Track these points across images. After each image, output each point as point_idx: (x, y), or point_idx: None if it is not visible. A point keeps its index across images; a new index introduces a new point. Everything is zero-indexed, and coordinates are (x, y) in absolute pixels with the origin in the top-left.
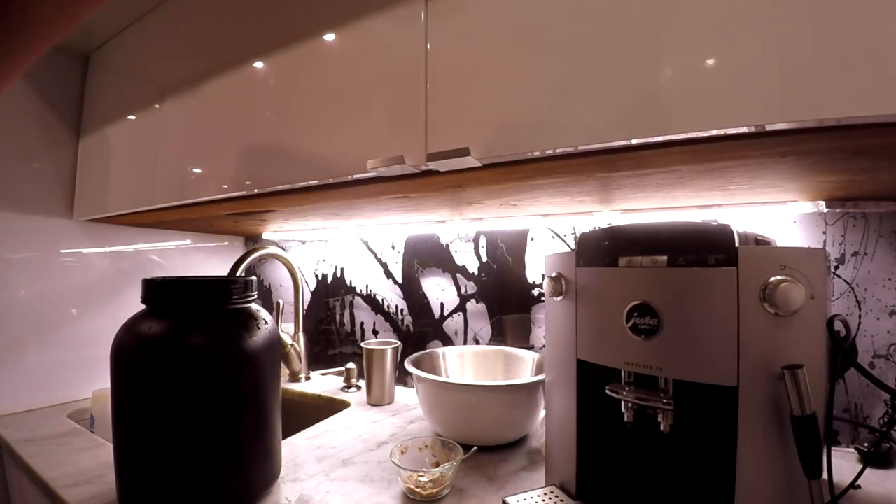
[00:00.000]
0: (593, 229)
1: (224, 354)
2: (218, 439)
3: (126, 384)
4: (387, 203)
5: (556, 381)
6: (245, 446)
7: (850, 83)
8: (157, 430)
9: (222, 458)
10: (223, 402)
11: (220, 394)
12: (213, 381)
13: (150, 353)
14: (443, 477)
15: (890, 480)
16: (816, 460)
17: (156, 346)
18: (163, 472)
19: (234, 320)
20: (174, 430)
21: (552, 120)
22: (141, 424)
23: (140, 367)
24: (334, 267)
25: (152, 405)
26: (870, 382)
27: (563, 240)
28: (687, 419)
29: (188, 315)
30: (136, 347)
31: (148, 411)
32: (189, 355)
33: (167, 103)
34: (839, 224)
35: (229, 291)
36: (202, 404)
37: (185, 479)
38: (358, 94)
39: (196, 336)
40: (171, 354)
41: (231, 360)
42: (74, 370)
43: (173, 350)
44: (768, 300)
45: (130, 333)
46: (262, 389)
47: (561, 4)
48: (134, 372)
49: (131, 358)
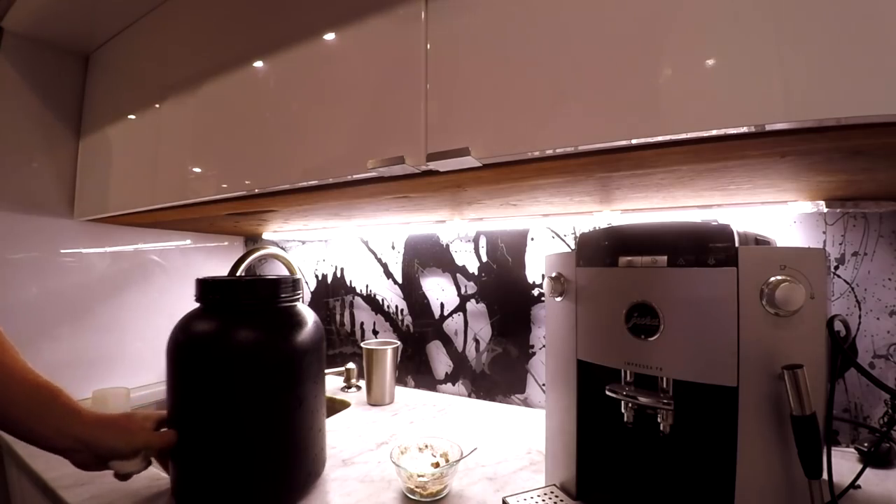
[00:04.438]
0: (593, 229)
1: (272, 351)
2: (267, 431)
3: (180, 378)
4: (387, 203)
5: (556, 381)
6: (292, 439)
7: (850, 83)
8: (209, 422)
9: (271, 449)
10: (272, 396)
11: (269, 388)
12: (261, 376)
13: (203, 350)
14: (443, 477)
15: (890, 480)
16: (816, 460)
17: (208, 342)
18: (215, 460)
19: (282, 318)
20: (225, 422)
21: (552, 120)
22: (194, 416)
23: (193, 362)
24: (334, 267)
25: (205, 398)
26: (870, 382)
27: (563, 240)
28: (687, 419)
29: (239, 313)
30: (191, 344)
31: (201, 404)
32: (239, 352)
33: (167, 103)
34: (839, 224)
35: (278, 291)
36: (252, 397)
37: (236, 467)
38: (358, 93)
39: (246, 333)
40: (222, 351)
41: (279, 357)
42: (74, 370)
43: (224, 346)
44: (768, 300)
45: (185, 331)
46: (307, 384)
47: (561, 4)
48: (188, 367)
49: (185, 354)
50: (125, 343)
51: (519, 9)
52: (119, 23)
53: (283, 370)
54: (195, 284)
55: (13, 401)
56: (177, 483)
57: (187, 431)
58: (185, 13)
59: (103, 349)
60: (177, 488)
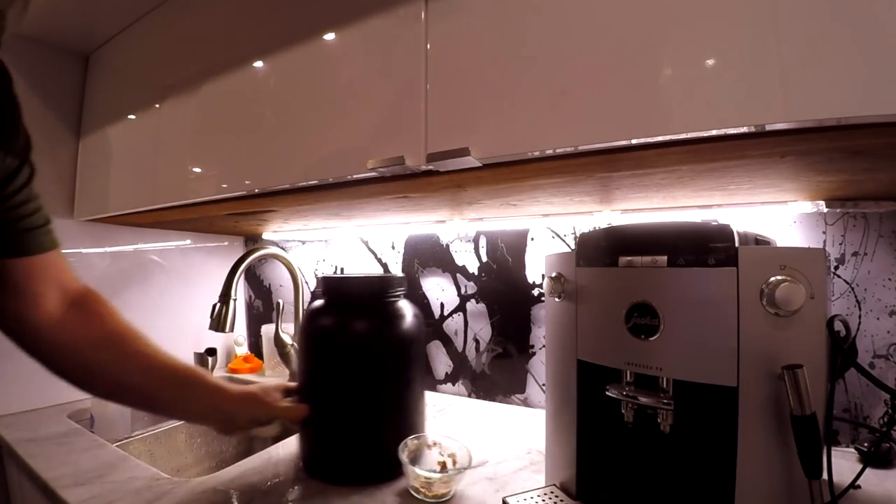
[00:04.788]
0: (593, 229)
1: (385, 339)
2: (382, 408)
3: (310, 361)
4: (387, 203)
5: (556, 381)
6: (402, 415)
7: (850, 83)
8: (334, 398)
9: (385, 423)
10: (386, 378)
11: (383, 371)
12: (377, 361)
13: (329, 339)
14: (450, 481)
15: (890, 480)
16: (816, 460)
17: (333, 332)
18: (339, 430)
19: (390, 311)
20: (348, 399)
21: (552, 120)
22: (322, 393)
23: (321, 348)
24: (334, 267)
25: (331, 378)
26: (870, 382)
27: (563, 240)
28: (687, 419)
29: (356, 307)
30: (318, 333)
31: (327, 383)
32: (358, 340)
33: (167, 103)
34: (839, 224)
35: (386, 288)
36: (369, 379)
37: (356, 436)
38: (358, 93)
39: (363, 324)
40: (344, 339)
41: (391, 344)
42: None
43: (346, 335)
44: (768, 300)
45: (313, 322)
46: (414, 369)
47: (561, 4)
48: (316, 352)
49: (314, 342)
50: None
51: (519, 9)
52: (119, 23)
53: (395, 356)
54: (319, 281)
55: (164, 387)
56: (305, 446)
57: (316, 405)
58: (185, 13)
59: None
60: (305, 451)
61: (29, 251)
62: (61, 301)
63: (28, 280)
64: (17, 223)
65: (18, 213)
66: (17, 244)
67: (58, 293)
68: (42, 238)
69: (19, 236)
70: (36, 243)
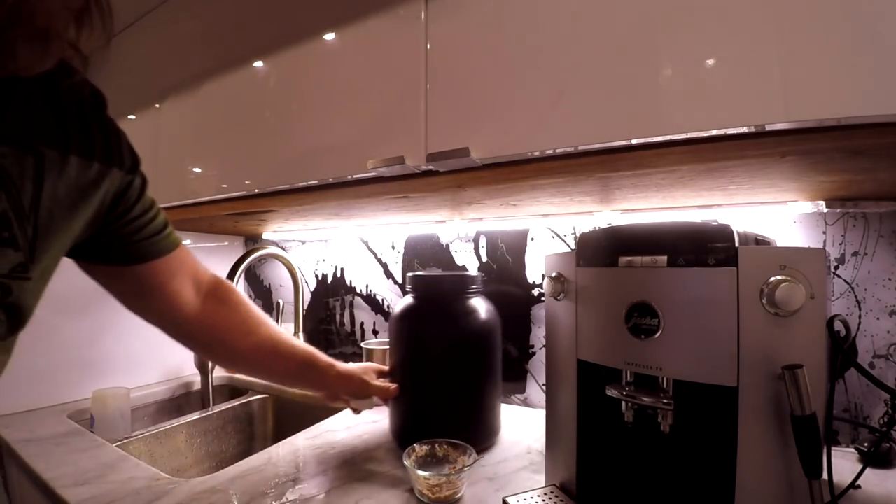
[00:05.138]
0: (593, 229)
1: (463, 330)
2: (465, 391)
3: (401, 349)
4: (387, 203)
5: (557, 381)
6: (483, 398)
7: (850, 83)
8: (422, 382)
9: (468, 405)
10: (469, 365)
11: (467, 358)
12: (461, 349)
13: (417, 329)
14: (456, 481)
15: (890, 480)
16: (816, 460)
17: (419, 323)
18: (426, 410)
19: (470, 306)
20: (435, 382)
21: (552, 120)
22: (411, 377)
23: (410, 338)
24: (334, 267)
25: (420, 364)
26: (870, 382)
27: (563, 240)
28: (687, 419)
29: (438, 301)
30: (408, 325)
31: (416, 368)
32: (440, 331)
33: (167, 103)
34: (839, 224)
35: (465, 284)
36: (455, 365)
37: (441, 417)
38: (358, 94)
39: (445, 316)
40: (428, 330)
41: (473, 335)
42: (74, 370)
43: (430, 326)
44: (768, 300)
45: (404, 314)
46: (494, 358)
47: (561, 4)
48: (406, 342)
49: (404, 332)
50: (125, 343)
51: (519, 9)
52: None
53: (475, 345)
54: (408, 279)
55: (288, 365)
56: (395, 422)
57: (406, 386)
58: (185, 13)
59: (103, 349)
60: (395, 426)
61: (156, 256)
62: (196, 293)
63: (163, 281)
64: (140, 232)
65: (138, 224)
66: (144, 252)
67: (192, 287)
68: (164, 242)
69: (145, 245)
70: (159, 248)
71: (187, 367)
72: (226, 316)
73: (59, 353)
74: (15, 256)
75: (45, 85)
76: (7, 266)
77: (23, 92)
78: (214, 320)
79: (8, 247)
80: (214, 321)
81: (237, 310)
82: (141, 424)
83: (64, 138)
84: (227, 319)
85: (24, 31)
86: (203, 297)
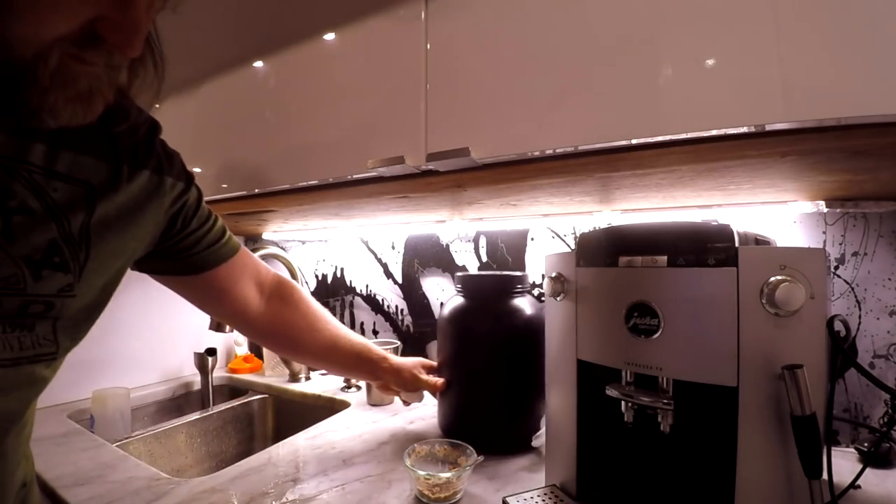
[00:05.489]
0: (593, 229)
1: (514, 328)
2: (511, 387)
3: (450, 344)
4: (387, 203)
5: (556, 381)
6: (528, 394)
7: (850, 83)
8: (469, 376)
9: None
10: (515, 361)
11: (513, 354)
12: (507, 346)
13: (465, 326)
14: (457, 481)
15: (890, 480)
16: (816, 460)
17: (465, 322)
18: (473, 402)
19: (516, 305)
20: (481, 377)
21: (552, 120)
22: (458, 371)
23: (458, 334)
24: (334, 267)
25: (467, 359)
26: (869, 382)
27: (563, 240)
28: (687, 419)
29: (486, 300)
30: (456, 321)
31: (464, 363)
32: (485, 329)
33: (167, 103)
34: (839, 224)
35: (512, 284)
36: (501, 361)
37: (487, 409)
38: (358, 94)
39: (493, 315)
40: (473, 328)
41: (518, 332)
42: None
43: (478, 324)
44: (768, 300)
45: (453, 312)
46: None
47: (561, 4)
48: (454, 337)
49: (452, 328)
50: (125, 343)
51: (518, 9)
52: None
53: (521, 341)
54: (457, 279)
55: (346, 357)
56: (443, 415)
57: (454, 380)
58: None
59: (103, 349)
60: (442, 419)
61: (217, 263)
62: (260, 294)
63: (227, 287)
64: (200, 243)
65: (197, 235)
66: (206, 261)
67: (255, 288)
68: (224, 249)
69: (206, 254)
70: (219, 255)
71: (187, 367)
72: (290, 314)
73: None
74: (64, 279)
75: (100, 130)
76: (56, 287)
77: (76, 137)
78: (280, 318)
79: (59, 270)
80: (280, 319)
81: (299, 307)
82: (141, 424)
83: (117, 173)
84: (291, 317)
85: (66, 94)
86: (267, 297)
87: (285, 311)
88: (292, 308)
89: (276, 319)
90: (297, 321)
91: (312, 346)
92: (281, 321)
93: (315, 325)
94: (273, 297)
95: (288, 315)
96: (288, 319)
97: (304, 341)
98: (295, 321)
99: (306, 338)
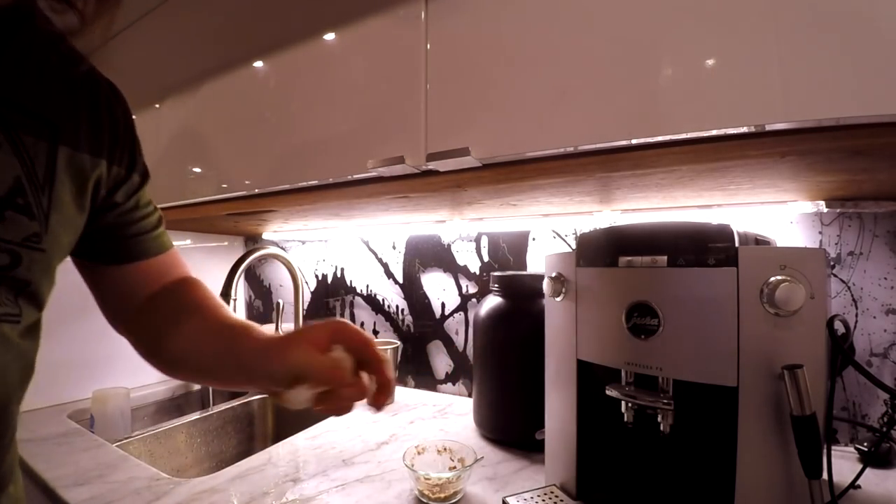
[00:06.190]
0: (593, 229)
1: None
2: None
3: (481, 343)
4: (387, 203)
5: (556, 381)
6: None
7: (850, 83)
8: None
9: None
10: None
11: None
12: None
13: (496, 324)
14: (457, 480)
15: (890, 480)
16: (816, 460)
17: (498, 319)
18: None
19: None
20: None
21: (552, 120)
22: (488, 369)
23: (489, 332)
24: (334, 267)
25: (495, 357)
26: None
27: (564, 240)
28: (687, 419)
29: (519, 298)
30: (489, 319)
31: (492, 360)
32: (518, 326)
33: (167, 103)
34: (835, 224)
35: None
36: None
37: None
38: (358, 93)
39: (528, 312)
40: (507, 324)
41: None
42: (74, 370)
43: (509, 322)
44: (768, 300)
45: (488, 310)
46: None
47: (561, 4)
48: (488, 333)
49: (485, 326)
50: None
51: (518, 9)
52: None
53: None
54: (492, 279)
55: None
56: (479, 412)
57: (485, 377)
58: (185, 13)
59: (103, 349)
60: (478, 416)
61: (142, 256)
62: None
63: (134, 285)
64: (129, 227)
65: (126, 219)
66: (132, 250)
67: None
68: (153, 242)
69: (133, 242)
70: (147, 248)
71: None
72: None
73: (58, 353)
74: (29, 225)
75: (62, 65)
76: (20, 234)
77: (39, 68)
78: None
79: (22, 214)
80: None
81: (185, 296)
82: (141, 424)
83: (76, 119)
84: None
85: None
86: None
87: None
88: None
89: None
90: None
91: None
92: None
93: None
94: None
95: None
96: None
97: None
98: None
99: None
